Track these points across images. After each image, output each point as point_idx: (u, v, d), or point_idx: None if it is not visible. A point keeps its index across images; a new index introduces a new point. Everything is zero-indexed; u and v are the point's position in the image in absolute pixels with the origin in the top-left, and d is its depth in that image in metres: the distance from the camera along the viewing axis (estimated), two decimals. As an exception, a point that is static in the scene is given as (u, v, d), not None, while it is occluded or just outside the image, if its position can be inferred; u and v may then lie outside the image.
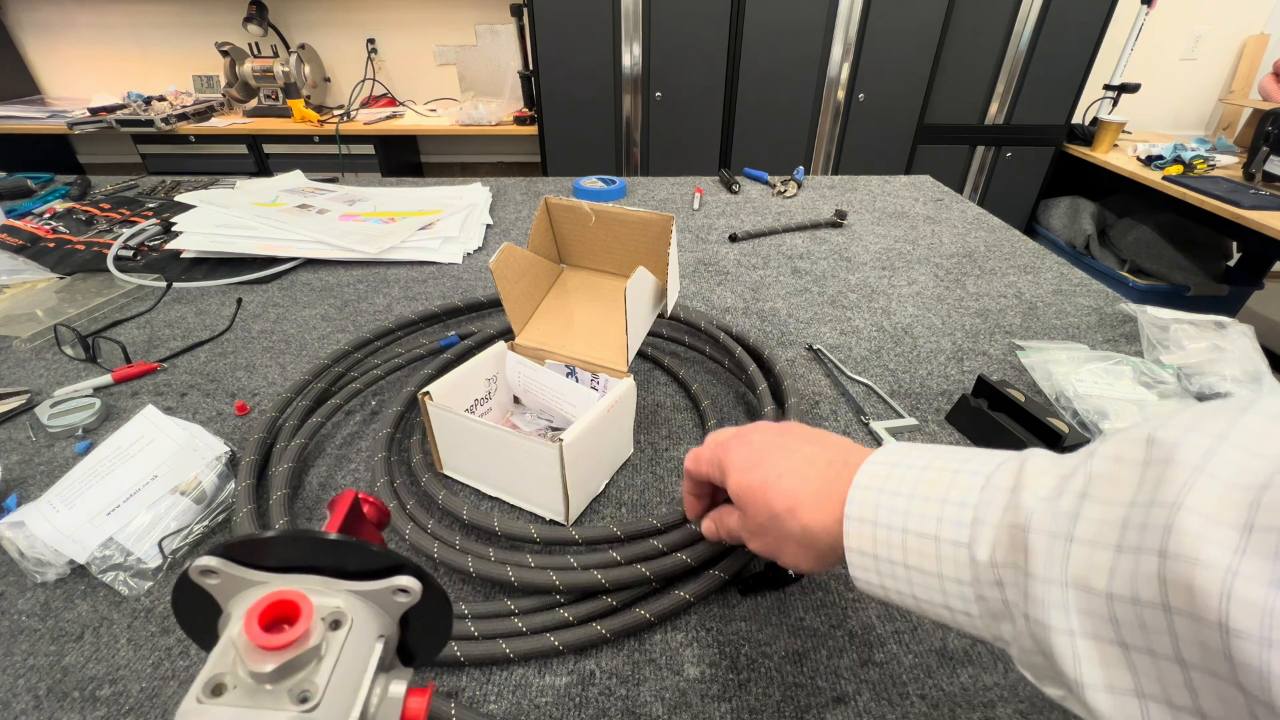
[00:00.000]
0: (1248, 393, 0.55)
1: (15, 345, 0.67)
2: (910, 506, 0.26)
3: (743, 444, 0.34)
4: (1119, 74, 2.37)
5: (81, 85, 2.54)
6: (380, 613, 0.20)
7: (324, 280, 0.82)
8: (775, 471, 0.32)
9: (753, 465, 0.33)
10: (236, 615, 0.18)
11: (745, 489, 0.33)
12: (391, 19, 2.49)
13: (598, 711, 0.35)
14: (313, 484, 0.50)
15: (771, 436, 0.34)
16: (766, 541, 0.33)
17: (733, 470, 0.34)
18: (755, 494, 0.32)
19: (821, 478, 0.31)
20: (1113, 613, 0.19)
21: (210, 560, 0.19)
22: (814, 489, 0.30)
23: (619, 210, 0.53)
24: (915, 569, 0.26)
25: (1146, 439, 0.20)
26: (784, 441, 0.34)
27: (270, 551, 0.19)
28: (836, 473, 0.30)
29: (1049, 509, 0.22)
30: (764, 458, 0.33)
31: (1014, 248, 0.96)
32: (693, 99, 2.15)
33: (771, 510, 0.31)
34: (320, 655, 0.18)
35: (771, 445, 0.33)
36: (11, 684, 0.36)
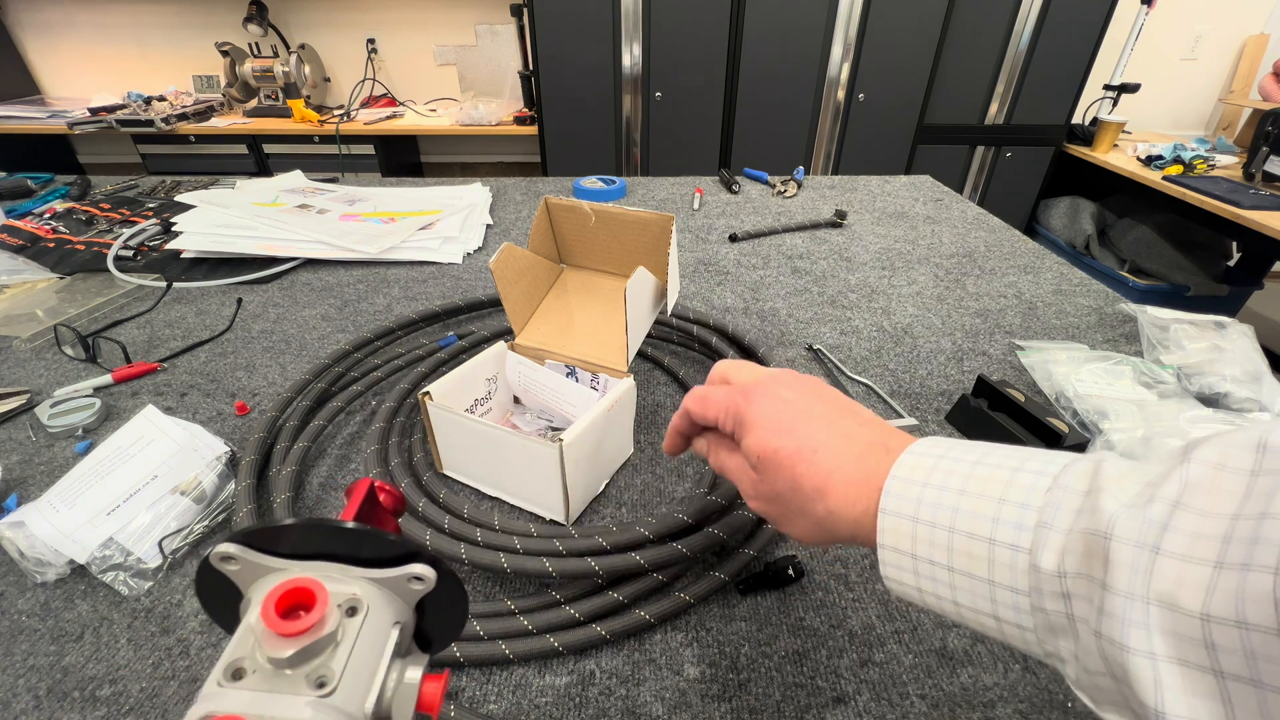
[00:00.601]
0: None
1: (15, 345, 0.67)
2: (960, 504, 0.24)
3: (771, 399, 0.30)
4: (1119, 74, 2.37)
5: (81, 85, 2.54)
6: (396, 600, 0.21)
7: (324, 280, 0.82)
8: (810, 443, 0.28)
9: (783, 429, 0.29)
10: (255, 601, 0.19)
11: (770, 454, 0.29)
12: (391, 19, 2.49)
13: (598, 711, 0.35)
14: (313, 484, 0.50)
15: (805, 397, 0.31)
16: (774, 509, 0.30)
17: (755, 428, 0.30)
18: (781, 463, 0.29)
19: (859, 460, 0.28)
20: (1208, 636, 0.17)
21: (230, 547, 0.19)
22: (849, 471, 0.27)
23: (619, 210, 0.53)
24: (961, 573, 0.23)
25: (1257, 444, 0.18)
26: (819, 408, 0.30)
27: (288, 539, 0.20)
28: (877, 458, 0.27)
29: (1137, 517, 0.19)
30: (798, 423, 0.29)
31: (1014, 248, 0.96)
32: (693, 99, 2.15)
33: (797, 484, 0.28)
34: (337, 641, 0.18)
35: (806, 409, 0.30)
36: (11, 684, 0.36)
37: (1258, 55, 2.47)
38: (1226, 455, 0.19)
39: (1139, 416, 0.53)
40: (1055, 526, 0.21)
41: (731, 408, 0.31)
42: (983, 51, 2.18)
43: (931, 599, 0.25)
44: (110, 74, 2.54)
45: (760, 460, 0.30)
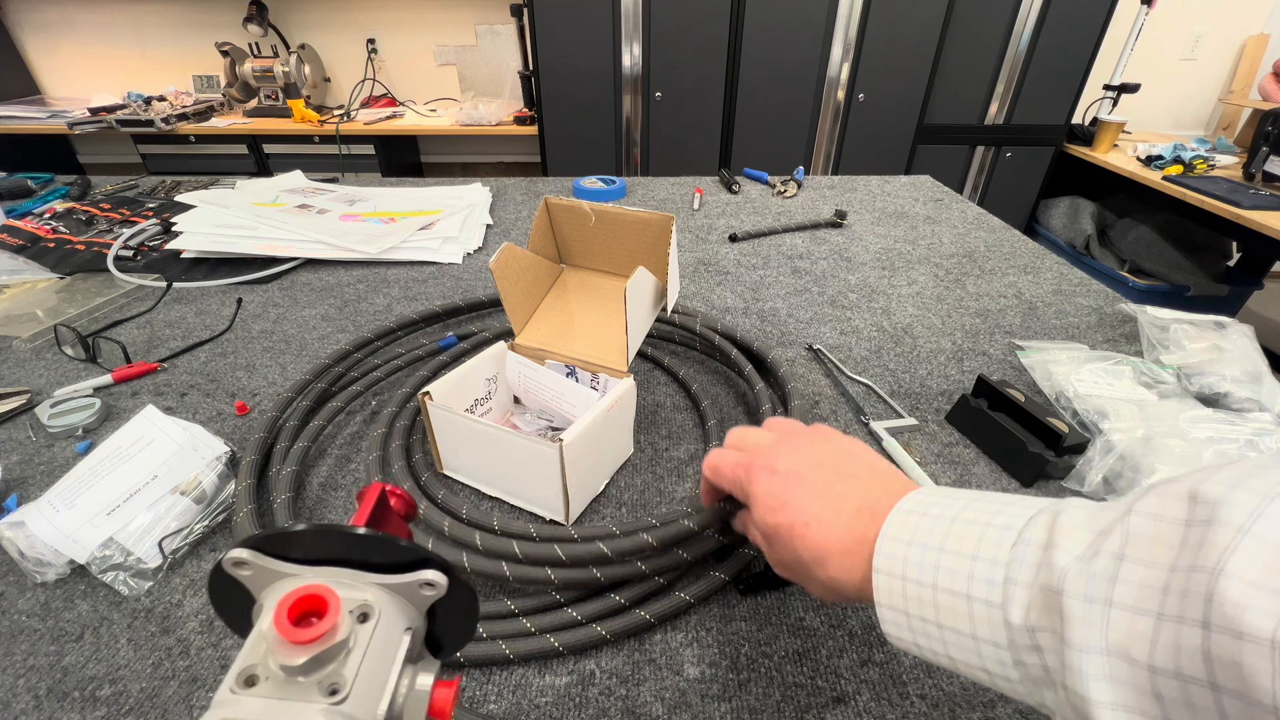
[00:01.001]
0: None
1: (15, 345, 0.67)
2: (940, 561, 0.24)
3: (768, 473, 0.32)
4: (1119, 74, 2.37)
5: (81, 85, 2.54)
6: (407, 605, 0.21)
7: (324, 280, 0.82)
8: (802, 518, 0.30)
9: (779, 505, 0.31)
10: (268, 607, 0.19)
11: (771, 530, 0.31)
12: (391, 19, 2.49)
13: (598, 711, 0.35)
14: (314, 485, 0.50)
15: (800, 465, 0.32)
16: (789, 574, 0.32)
17: (757, 505, 0.32)
18: (781, 537, 0.30)
19: (849, 528, 0.29)
20: (1156, 687, 0.17)
21: (242, 552, 0.19)
22: (841, 541, 0.28)
23: (619, 210, 0.53)
24: (949, 628, 0.24)
25: (1189, 495, 0.19)
26: (813, 476, 0.31)
27: (299, 544, 0.20)
28: (865, 523, 0.28)
29: (1083, 570, 0.20)
30: (790, 496, 0.31)
31: (1014, 248, 0.96)
32: (693, 99, 2.15)
33: (798, 557, 0.30)
34: (349, 648, 0.18)
35: (799, 480, 0.31)
36: (11, 684, 0.36)
37: (1258, 55, 2.47)
38: (1164, 506, 0.19)
39: (1139, 416, 0.53)
40: (1019, 581, 0.22)
41: (737, 480, 0.34)
42: (983, 51, 2.18)
43: (928, 653, 0.25)
44: (110, 74, 2.54)
45: (765, 535, 0.32)
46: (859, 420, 0.58)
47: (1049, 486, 0.51)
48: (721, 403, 0.60)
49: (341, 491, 0.49)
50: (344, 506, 0.48)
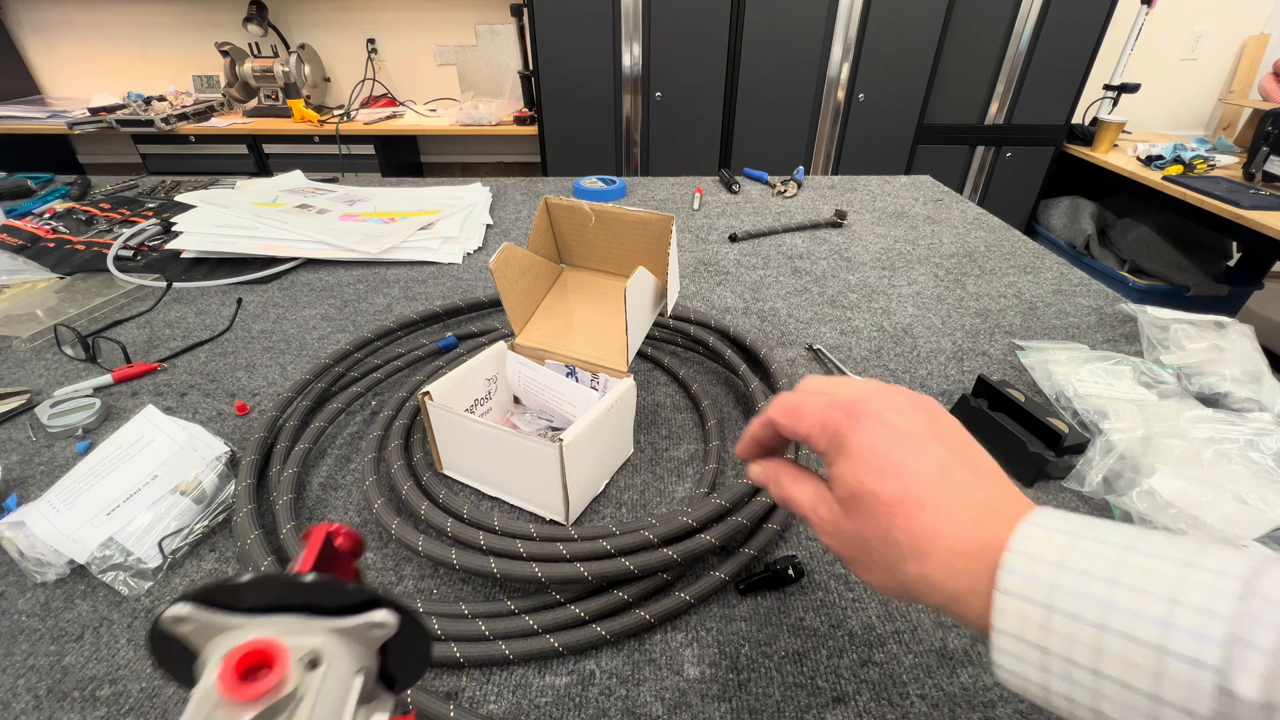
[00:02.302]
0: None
1: (15, 345, 0.67)
2: (1112, 597, 0.20)
3: (879, 425, 0.26)
4: (1119, 74, 2.37)
5: (81, 85, 2.54)
6: (358, 647, 0.20)
7: (324, 280, 0.82)
8: (917, 494, 0.24)
9: (888, 468, 0.25)
10: (212, 662, 0.18)
11: (867, 495, 0.25)
12: (391, 19, 2.49)
13: (598, 711, 0.35)
14: (314, 485, 0.50)
15: (920, 430, 0.26)
16: (853, 552, 0.27)
17: (854, 457, 0.26)
18: (878, 508, 0.25)
19: (974, 526, 0.24)
20: None
21: (182, 608, 0.18)
22: (960, 538, 0.24)
23: (619, 210, 0.53)
24: (1112, 680, 0.20)
25: None
26: (934, 449, 0.26)
27: (243, 595, 0.19)
28: (995, 527, 0.23)
29: None
30: (906, 463, 0.25)
31: (1014, 248, 0.96)
32: (693, 99, 2.15)
33: (890, 538, 0.25)
34: (299, 698, 0.18)
35: (918, 448, 0.26)
36: (11, 684, 0.36)
37: (1258, 55, 2.47)
38: None
39: (1139, 416, 0.53)
40: (1258, 646, 0.18)
41: (830, 424, 0.27)
42: (983, 51, 2.18)
43: (1061, 701, 0.21)
44: (110, 74, 2.54)
45: (853, 497, 0.26)
46: (859, 420, 0.58)
47: (1049, 486, 0.51)
48: (721, 403, 0.60)
49: (341, 491, 0.49)
50: (344, 506, 0.48)
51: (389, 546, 0.45)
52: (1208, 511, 0.43)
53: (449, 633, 0.37)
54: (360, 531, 0.26)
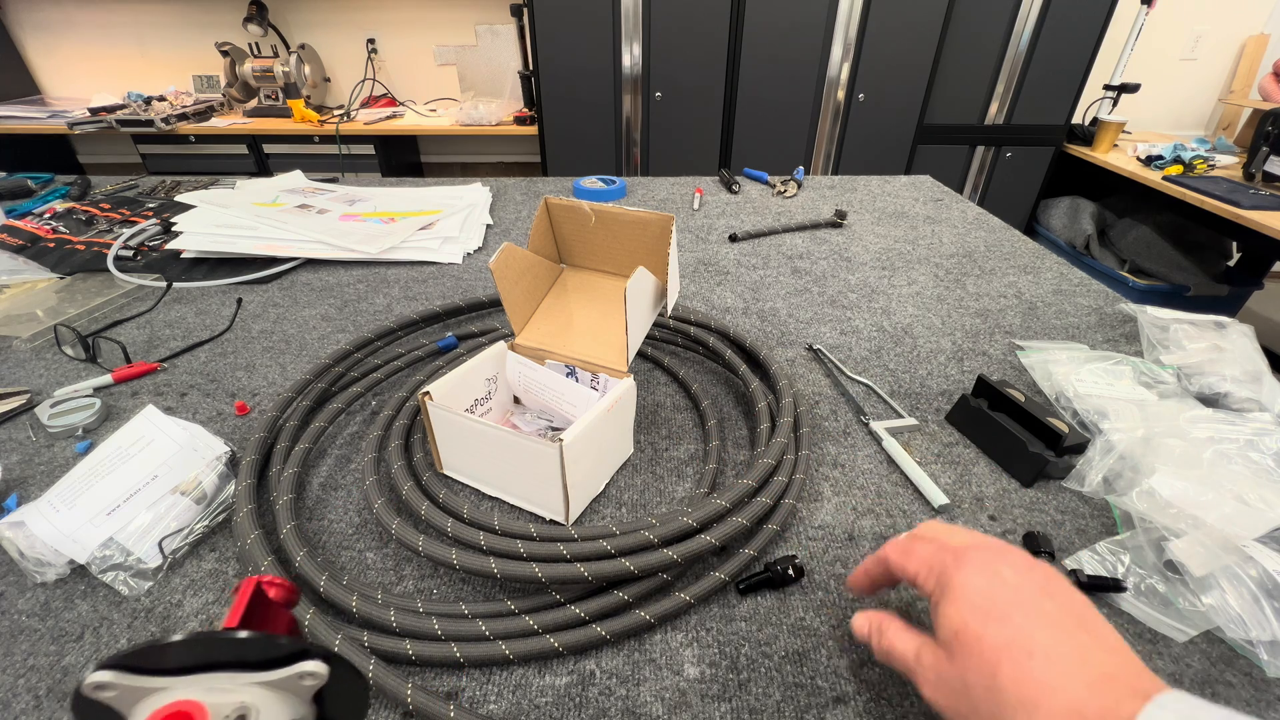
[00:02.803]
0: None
1: (15, 345, 0.67)
2: None
3: (986, 573, 0.26)
4: (1119, 74, 2.37)
5: (81, 85, 2.54)
6: (290, 698, 0.20)
7: (324, 280, 0.82)
8: (1026, 642, 0.24)
9: (995, 612, 0.25)
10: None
11: (971, 637, 0.25)
12: (391, 19, 2.49)
13: (598, 711, 0.35)
14: (314, 485, 0.50)
15: (1031, 588, 0.26)
16: (956, 703, 0.25)
17: (961, 599, 0.26)
18: (983, 653, 0.24)
19: (1092, 687, 0.22)
20: None
21: (103, 675, 0.18)
22: (1076, 696, 0.22)
23: (619, 210, 0.53)
24: None
25: None
26: (1046, 605, 0.25)
27: (169, 656, 0.19)
28: (1119, 696, 0.22)
29: None
30: (1015, 613, 0.25)
31: (1014, 248, 0.96)
32: (693, 99, 2.15)
33: (996, 685, 0.23)
34: None
35: (1029, 600, 0.25)
36: (11, 684, 0.36)
37: (1258, 55, 2.47)
38: None
39: (1139, 416, 0.53)
40: None
41: (938, 566, 0.28)
42: (983, 51, 2.18)
43: None
44: (110, 74, 2.54)
45: (956, 638, 0.26)
46: (859, 420, 0.58)
47: (1049, 486, 0.51)
48: (721, 403, 0.60)
49: (341, 491, 0.49)
50: (344, 506, 0.48)
51: (389, 546, 0.45)
52: (1208, 511, 0.43)
53: (449, 633, 0.37)
54: (292, 582, 0.25)
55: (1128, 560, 0.43)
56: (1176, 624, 0.39)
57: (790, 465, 0.48)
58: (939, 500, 0.48)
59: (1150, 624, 0.40)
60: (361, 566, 0.43)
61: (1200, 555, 0.40)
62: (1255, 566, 0.39)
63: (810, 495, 0.50)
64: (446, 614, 0.38)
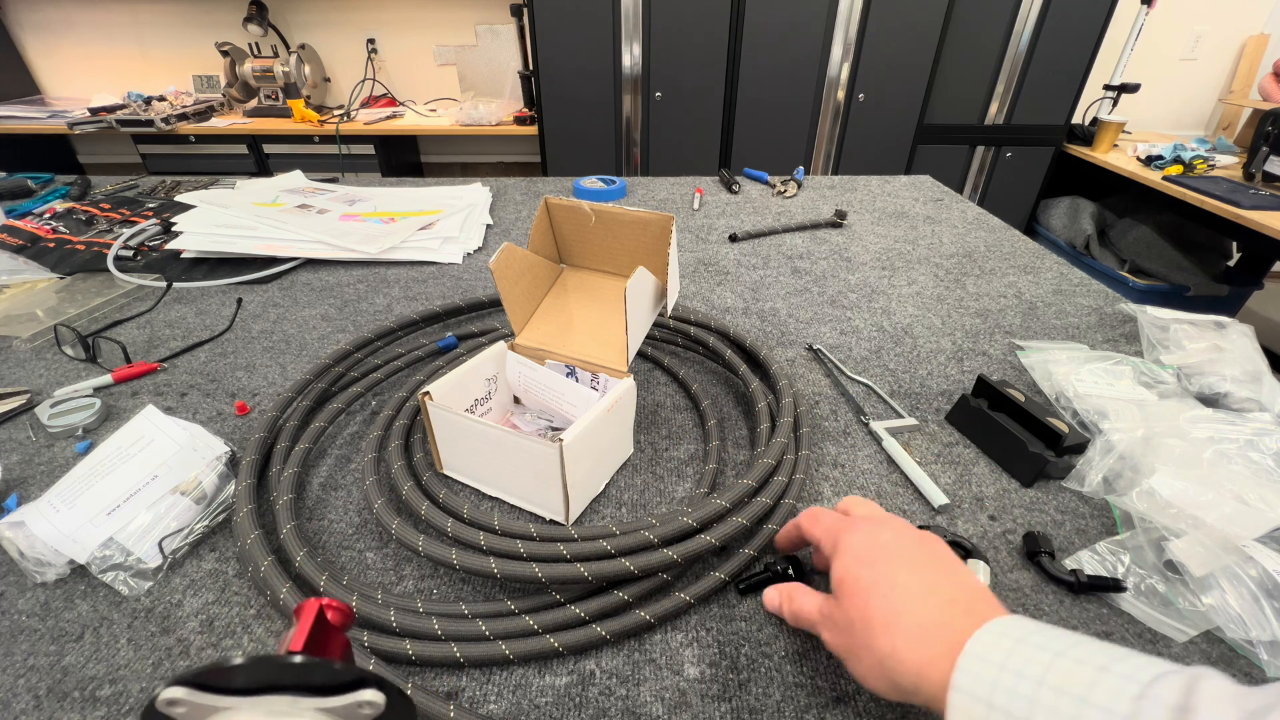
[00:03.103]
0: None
1: (15, 345, 0.67)
2: (1038, 695, 0.23)
3: (868, 534, 0.32)
4: (1119, 74, 2.37)
5: (81, 85, 2.54)
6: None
7: (324, 280, 0.82)
8: (889, 580, 0.29)
9: (867, 560, 0.31)
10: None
11: (849, 581, 0.30)
12: (391, 19, 2.49)
13: (598, 711, 0.35)
14: (314, 485, 0.50)
15: (902, 540, 0.32)
16: (844, 640, 0.30)
17: (844, 554, 0.32)
18: (857, 591, 0.30)
19: (935, 615, 0.28)
20: None
21: (176, 691, 0.18)
22: (921, 615, 0.28)
23: (619, 210, 0.53)
24: None
25: None
26: (913, 553, 0.31)
27: (235, 677, 0.19)
28: (953, 620, 0.27)
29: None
30: (883, 559, 0.30)
31: (1014, 248, 0.96)
32: (693, 99, 2.15)
33: (866, 617, 0.29)
34: None
35: (896, 550, 0.31)
36: (11, 684, 0.36)
37: (1258, 55, 2.47)
38: None
39: (1139, 416, 0.53)
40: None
41: (834, 531, 0.34)
42: (983, 51, 2.18)
43: None
44: (110, 74, 2.54)
45: (839, 585, 0.31)
46: (859, 420, 0.58)
47: (1049, 486, 0.51)
48: (721, 403, 0.60)
49: (342, 491, 0.49)
50: (344, 506, 0.48)
51: (389, 546, 0.45)
52: (1208, 511, 0.43)
53: (449, 633, 0.37)
54: (348, 604, 0.26)
55: (1128, 560, 0.43)
56: (1176, 624, 0.39)
57: (790, 465, 0.48)
58: (939, 500, 0.48)
59: (1150, 624, 0.40)
60: (361, 566, 0.43)
61: (1200, 555, 0.40)
62: (1255, 566, 0.39)
63: (810, 495, 0.50)
64: (446, 614, 0.38)
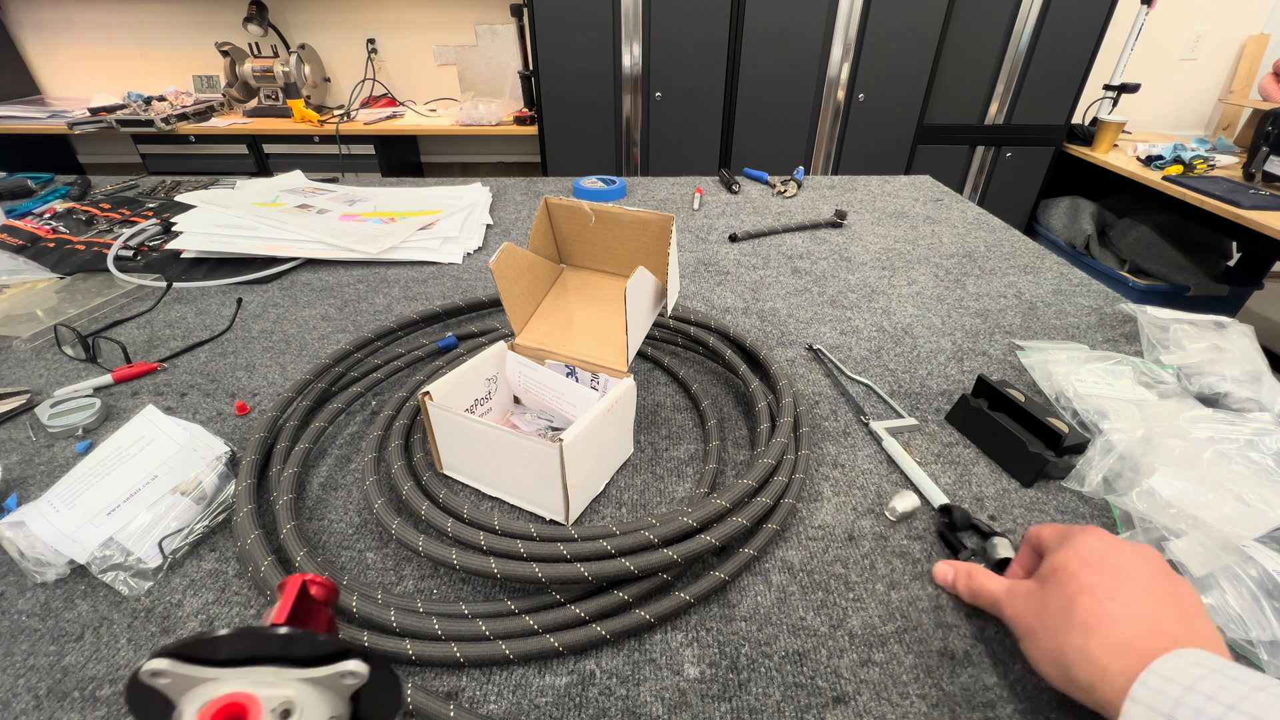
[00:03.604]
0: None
1: (15, 345, 0.67)
2: (1226, 718, 0.23)
3: (1109, 546, 0.32)
4: (1119, 74, 2.37)
5: (81, 85, 2.54)
6: (330, 695, 0.21)
7: (324, 280, 0.82)
8: (1110, 591, 0.29)
9: (1096, 566, 0.30)
10: (188, 715, 0.19)
11: (1065, 573, 0.30)
12: (391, 19, 2.49)
13: (598, 711, 0.35)
14: (314, 485, 0.50)
15: (1146, 569, 0.31)
16: (1029, 621, 0.31)
17: (1073, 550, 0.31)
18: (1069, 583, 0.29)
19: (1142, 638, 0.27)
20: None
21: (159, 663, 0.19)
22: (1125, 637, 0.28)
23: (619, 210, 0.53)
24: None
25: None
26: (1148, 582, 0.30)
27: (219, 648, 0.19)
28: (1154, 645, 0.27)
29: None
30: (1112, 572, 0.30)
31: (1014, 248, 0.96)
32: (693, 99, 2.15)
33: (1070, 610, 0.29)
34: None
35: (1134, 572, 0.30)
36: (11, 684, 0.36)
37: (1258, 55, 2.47)
38: None
39: (1139, 416, 0.53)
40: None
41: (1067, 531, 0.34)
42: (983, 51, 2.18)
43: None
44: (110, 74, 2.54)
45: (1053, 571, 0.31)
46: (859, 420, 0.58)
47: (1049, 486, 0.51)
48: (721, 403, 0.60)
49: (342, 491, 0.49)
50: (344, 507, 0.48)
51: (389, 546, 0.45)
52: (1207, 511, 0.43)
53: (449, 633, 0.37)
54: (333, 579, 0.26)
55: (1128, 560, 0.43)
56: (1176, 624, 0.39)
57: (790, 465, 0.48)
58: (939, 500, 0.48)
59: (1150, 624, 0.40)
60: (361, 566, 0.43)
61: (1200, 555, 0.40)
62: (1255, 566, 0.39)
63: (810, 495, 0.50)
64: (446, 614, 0.38)
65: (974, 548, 0.45)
